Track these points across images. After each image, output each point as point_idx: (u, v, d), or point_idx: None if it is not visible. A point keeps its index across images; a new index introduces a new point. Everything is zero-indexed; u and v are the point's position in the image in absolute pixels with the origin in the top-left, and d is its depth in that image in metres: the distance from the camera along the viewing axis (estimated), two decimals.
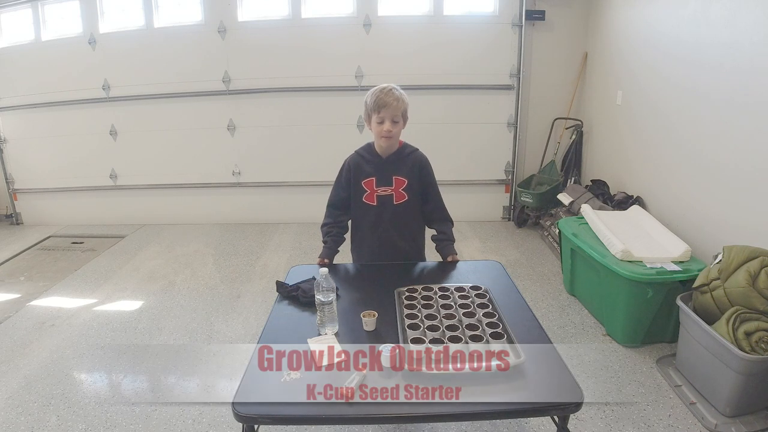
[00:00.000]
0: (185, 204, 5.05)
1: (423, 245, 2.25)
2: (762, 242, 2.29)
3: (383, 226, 2.12)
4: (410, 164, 2.08)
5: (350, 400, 1.30)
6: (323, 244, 2.18)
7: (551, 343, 1.55)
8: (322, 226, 2.20)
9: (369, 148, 2.11)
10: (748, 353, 1.98)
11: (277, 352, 1.53)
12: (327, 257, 2.14)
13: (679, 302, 2.37)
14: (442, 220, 2.19)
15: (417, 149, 2.14)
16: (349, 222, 2.22)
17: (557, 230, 3.60)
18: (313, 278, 1.92)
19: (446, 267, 2.14)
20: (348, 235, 2.25)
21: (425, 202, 2.14)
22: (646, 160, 3.53)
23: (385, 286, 1.93)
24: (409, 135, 5.67)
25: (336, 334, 1.61)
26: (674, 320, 2.59)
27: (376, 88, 1.98)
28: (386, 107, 1.94)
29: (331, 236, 2.17)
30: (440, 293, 1.78)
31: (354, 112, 4.69)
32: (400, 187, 2.08)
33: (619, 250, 2.68)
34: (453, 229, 2.22)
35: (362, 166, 2.09)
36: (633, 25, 3.70)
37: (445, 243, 2.17)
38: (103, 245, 4.56)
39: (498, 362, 1.41)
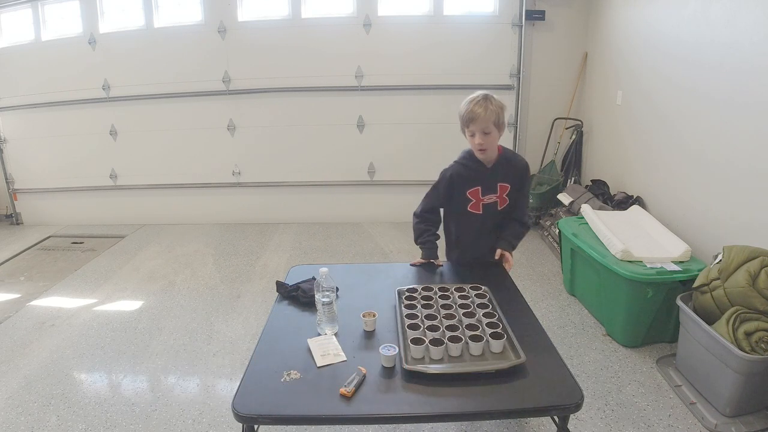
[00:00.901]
0: (185, 204, 5.05)
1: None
2: (762, 242, 2.29)
3: (487, 232, 2.12)
4: (514, 169, 2.07)
5: (350, 400, 1.30)
6: (423, 246, 2.15)
7: (551, 343, 1.56)
8: (418, 227, 2.16)
9: (470, 156, 2.05)
10: (748, 353, 1.98)
11: (277, 352, 1.54)
12: (432, 258, 2.14)
13: (679, 302, 2.37)
14: (515, 219, 2.14)
15: (516, 153, 2.15)
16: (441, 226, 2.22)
17: (557, 230, 3.60)
18: (313, 278, 1.92)
19: (446, 267, 2.14)
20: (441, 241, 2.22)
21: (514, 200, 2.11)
22: (646, 160, 3.53)
23: (385, 286, 1.93)
24: (410, 135, 5.65)
25: (336, 334, 1.61)
26: (674, 320, 2.59)
27: (469, 97, 1.94)
28: (474, 121, 1.90)
29: (431, 234, 2.15)
30: (440, 293, 1.79)
31: (354, 112, 4.69)
32: (504, 193, 2.07)
33: (619, 250, 2.68)
34: (521, 236, 2.16)
35: (466, 176, 2.04)
36: (633, 25, 3.70)
37: (508, 237, 2.12)
38: (103, 245, 4.56)
39: (498, 362, 1.41)
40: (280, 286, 1.93)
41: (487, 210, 2.07)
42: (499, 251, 2.10)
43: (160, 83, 4.67)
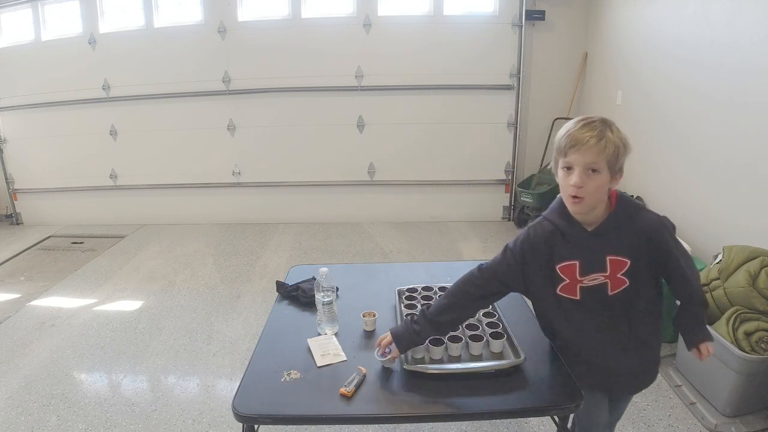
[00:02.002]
0: (185, 204, 5.05)
1: (658, 351, 1.45)
2: (762, 242, 2.29)
3: (591, 327, 1.35)
4: (634, 235, 1.29)
5: (350, 400, 1.30)
6: (412, 321, 1.40)
7: (551, 343, 1.55)
8: (443, 296, 1.43)
9: (563, 212, 1.32)
10: (748, 353, 1.98)
11: (277, 352, 1.54)
12: (399, 345, 1.38)
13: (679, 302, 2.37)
14: (686, 300, 1.40)
15: (642, 206, 1.35)
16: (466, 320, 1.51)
17: None
18: (313, 278, 1.92)
19: (446, 267, 2.14)
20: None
21: (667, 277, 1.38)
22: (646, 160, 3.53)
23: (385, 286, 1.93)
24: (410, 135, 5.63)
25: (336, 334, 1.61)
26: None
27: (577, 117, 1.28)
28: (577, 147, 1.21)
29: (432, 314, 1.38)
30: (440, 293, 1.78)
31: (354, 112, 4.69)
32: (619, 272, 1.29)
33: None
34: (694, 304, 1.40)
35: (558, 243, 1.32)
36: (633, 25, 3.70)
37: (690, 328, 1.40)
38: (103, 245, 4.56)
39: (497, 362, 1.41)
40: (280, 286, 1.93)
41: (589, 296, 1.32)
42: (701, 345, 1.37)
43: (160, 83, 4.67)
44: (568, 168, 1.24)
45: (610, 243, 1.29)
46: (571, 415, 1.56)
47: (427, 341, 1.44)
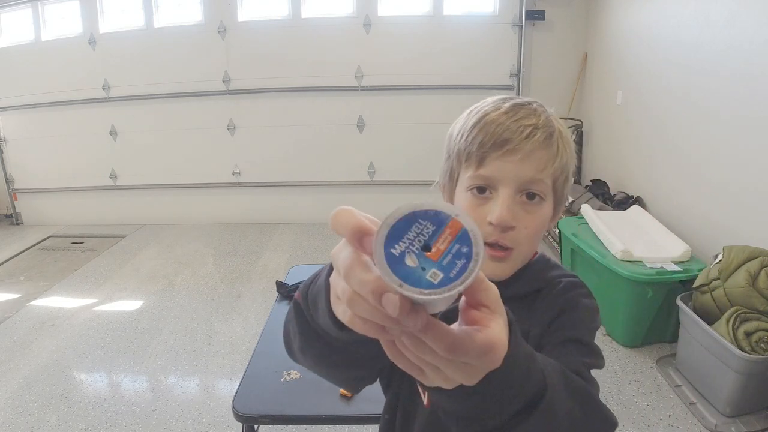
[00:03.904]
0: (185, 204, 5.05)
1: None
2: (762, 242, 2.29)
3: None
4: (549, 308, 0.75)
5: (350, 400, 1.30)
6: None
7: None
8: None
9: None
10: (748, 353, 1.98)
11: (277, 352, 1.54)
12: None
13: (679, 302, 2.37)
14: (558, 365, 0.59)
15: (571, 276, 0.82)
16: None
17: (557, 230, 3.60)
18: None
19: None
20: None
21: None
22: (646, 160, 3.53)
23: None
24: (410, 135, 5.66)
25: None
26: (674, 320, 2.59)
27: (488, 100, 0.76)
28: (507, 147, 0.67)
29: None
30: None
31: (354, 112, 4.69)
32: None
33: (619, 250, 2.68)
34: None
35: None
36: (633, 26, 3.70)
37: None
38: (103, 245, 4.56)
39: None
40: (280, 286, 1.93)
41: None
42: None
43: (160, 83, 4.67)
44: (481, 189, 0.69)
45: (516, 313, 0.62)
46: None
47: None
